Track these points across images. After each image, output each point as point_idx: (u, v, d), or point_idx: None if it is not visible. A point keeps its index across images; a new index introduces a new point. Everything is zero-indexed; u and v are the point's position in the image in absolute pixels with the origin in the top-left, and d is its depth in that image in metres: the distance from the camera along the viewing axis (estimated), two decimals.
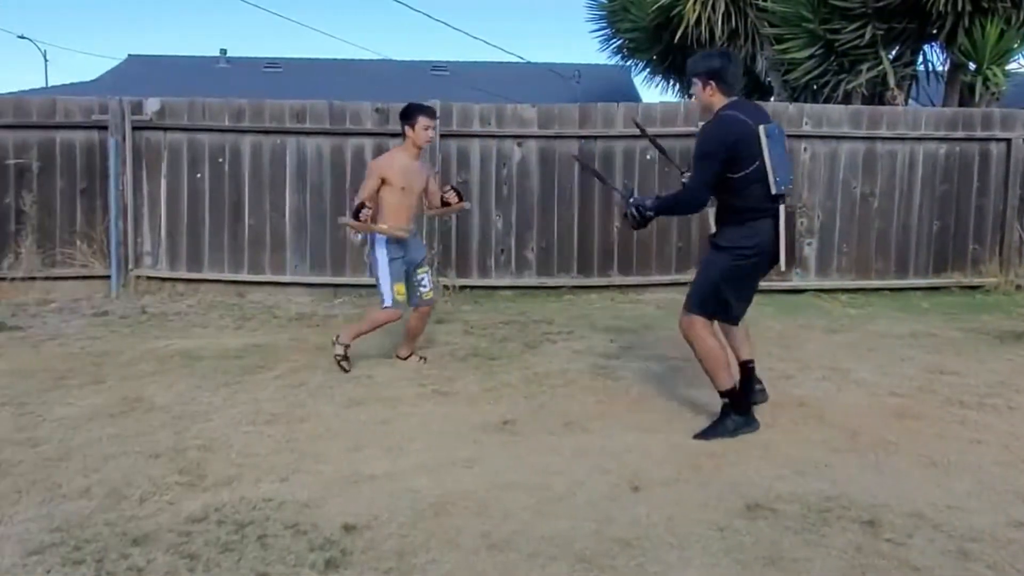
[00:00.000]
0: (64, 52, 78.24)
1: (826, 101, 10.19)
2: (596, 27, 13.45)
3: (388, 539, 2.79)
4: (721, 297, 3.86)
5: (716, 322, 3.99)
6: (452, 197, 5.06)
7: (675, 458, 3.58)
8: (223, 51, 21.99)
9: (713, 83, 3.83)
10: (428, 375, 4.99)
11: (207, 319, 6.72)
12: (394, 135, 7.86)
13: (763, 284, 7.91)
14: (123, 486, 3.18)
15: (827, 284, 8.14)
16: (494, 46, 66.17)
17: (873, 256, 8.25)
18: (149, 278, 7.71)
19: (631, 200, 4.04)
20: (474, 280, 7.93)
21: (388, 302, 4.91)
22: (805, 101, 10.47)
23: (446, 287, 7.78)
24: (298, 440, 3.80)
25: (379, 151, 7.88)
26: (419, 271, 5.13)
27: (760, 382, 4.25)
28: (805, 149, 8.10)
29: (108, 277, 7.62)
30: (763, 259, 3.85)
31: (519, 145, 7.91)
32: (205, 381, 4.76)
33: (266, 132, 7.78)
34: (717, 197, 3.88)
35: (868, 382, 4.89)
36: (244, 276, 7.80)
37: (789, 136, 7.86)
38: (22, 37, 50.96)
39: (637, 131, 8.00)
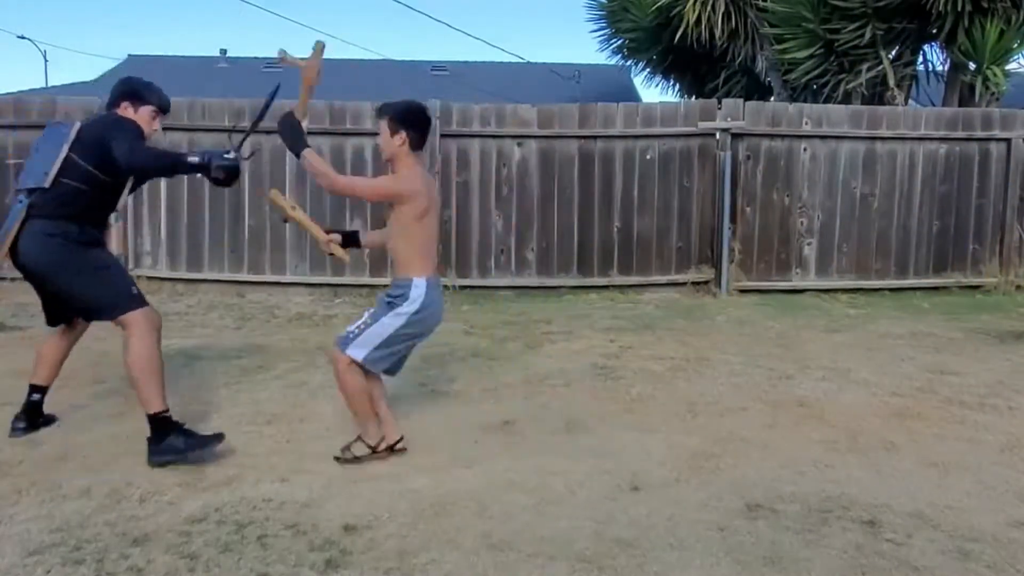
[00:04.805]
0: (64, 52, 78.26)
1: (826, 101, 10.21)
2: (596, 27, 13.49)
3: (388, 539, 2.78)
4: None
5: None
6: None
7: (675, 458, 3.58)
8: (223, 51, 21.96)
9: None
10: (428, 375, 4.98)
11: (207, 319, 6.72)
12: None
13: (763, 284, 8.09)
14: (123, 486, 3.18)
15: (827, 284, 8.15)
16: (494, 46, 66.20)
17: (873, 256, 8.25)
18: (149, 278, 7.71)
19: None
20: (474, 280, 7.94)
21: None
22: (805, 101, 10.49)
23: (445, 287, 7.78)
24: (298, 440, 3.80)
25: (379, 151, 7.87)
26: None
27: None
28: (805, 149, 8.11)
29: None
30: None
31: (519, 145, 7.91)
32: (205, 381, 4.76)
33: (266, 132, 7.72)
34: None
35: (868, 382, 4.89)
36: (244, 276, 7.80)
37: (789, 136, 8.03)
38: (22, 37, 50.97)
39: (638, 131, 8.07)
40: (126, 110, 3.72)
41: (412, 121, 3.45)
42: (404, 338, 3.48)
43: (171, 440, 3.39)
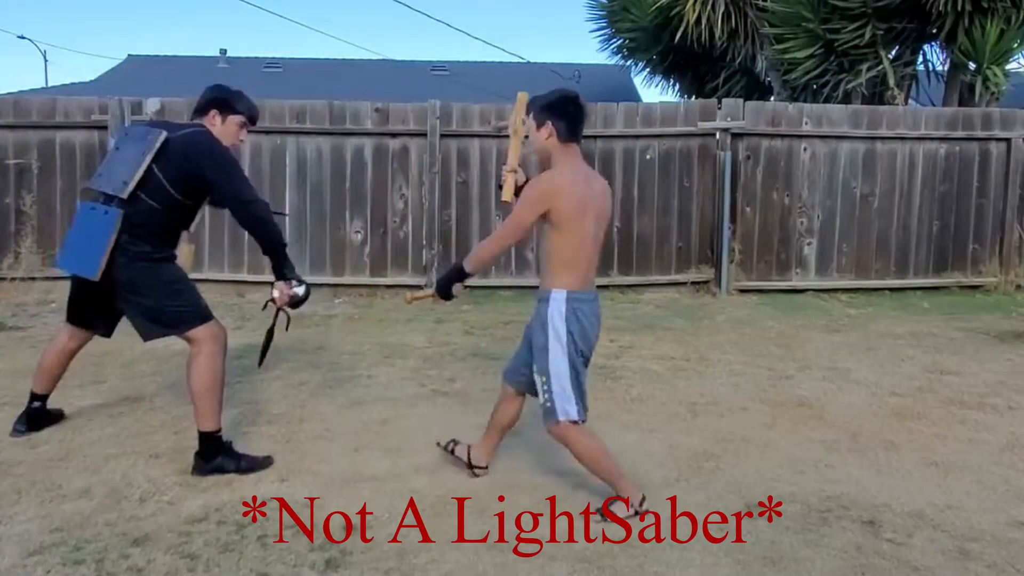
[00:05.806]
0: (64, 52, 78.36)
1: (826, 101, 10.20)
2: (596, 27, 13.49)
3: (388, 539, 2.78)
4: None
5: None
6: None
7: (675, 458, 3.58)
8: (223, 51, 21.94)
9: None
10: (428, 375, 4.98)
11: None
12: (394, 135, 7.88)
13: (763, 284, 8.09)
14: (123, 486, 3.18)
15: (827, 284, 8.14)
16: (494, 46, 66.21)
17: (873, 256, 8.25)
18: None
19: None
20: (474, 280, 7.89)
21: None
22: (805, 101, 10.47)
23: None
24: (298, 440, 3.80)
25: (379, 151, 7.89)
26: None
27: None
28: (805, 149, 8.11)
29: None
30: None
31: None
32: None
33: (266, 132, 7.77)
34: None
35: (868, 382, 4.89)
36: (244, 276, 7.79)
37: (789, 136, 8.02)
38: (22, 37, 51.18)
39: (638, 131, 8.07)
40: (214, 118, 3.56)
41: (558, 109, 3.00)
42: (576, 363, 3.06)
43: (221, 461, 3.34)
